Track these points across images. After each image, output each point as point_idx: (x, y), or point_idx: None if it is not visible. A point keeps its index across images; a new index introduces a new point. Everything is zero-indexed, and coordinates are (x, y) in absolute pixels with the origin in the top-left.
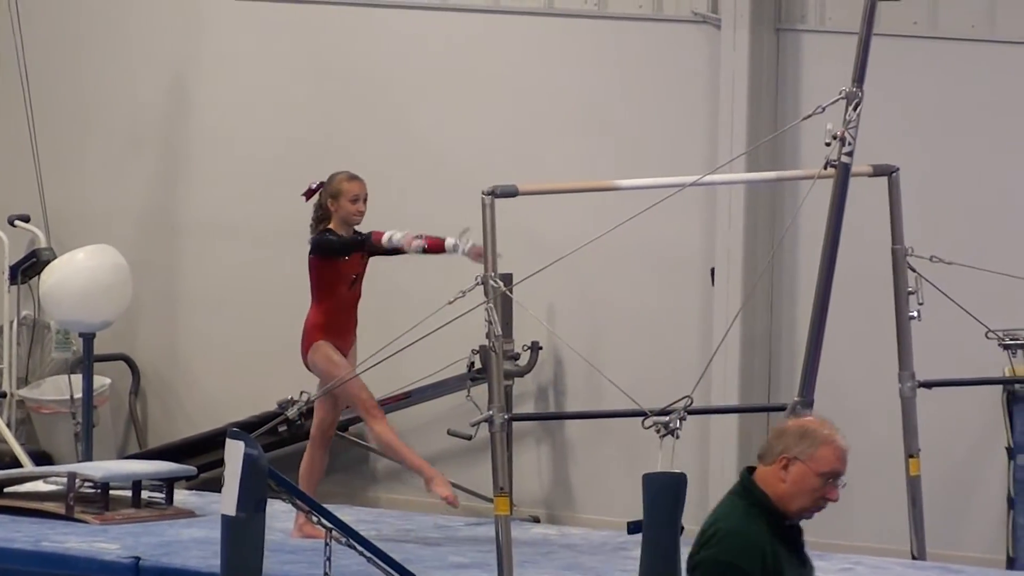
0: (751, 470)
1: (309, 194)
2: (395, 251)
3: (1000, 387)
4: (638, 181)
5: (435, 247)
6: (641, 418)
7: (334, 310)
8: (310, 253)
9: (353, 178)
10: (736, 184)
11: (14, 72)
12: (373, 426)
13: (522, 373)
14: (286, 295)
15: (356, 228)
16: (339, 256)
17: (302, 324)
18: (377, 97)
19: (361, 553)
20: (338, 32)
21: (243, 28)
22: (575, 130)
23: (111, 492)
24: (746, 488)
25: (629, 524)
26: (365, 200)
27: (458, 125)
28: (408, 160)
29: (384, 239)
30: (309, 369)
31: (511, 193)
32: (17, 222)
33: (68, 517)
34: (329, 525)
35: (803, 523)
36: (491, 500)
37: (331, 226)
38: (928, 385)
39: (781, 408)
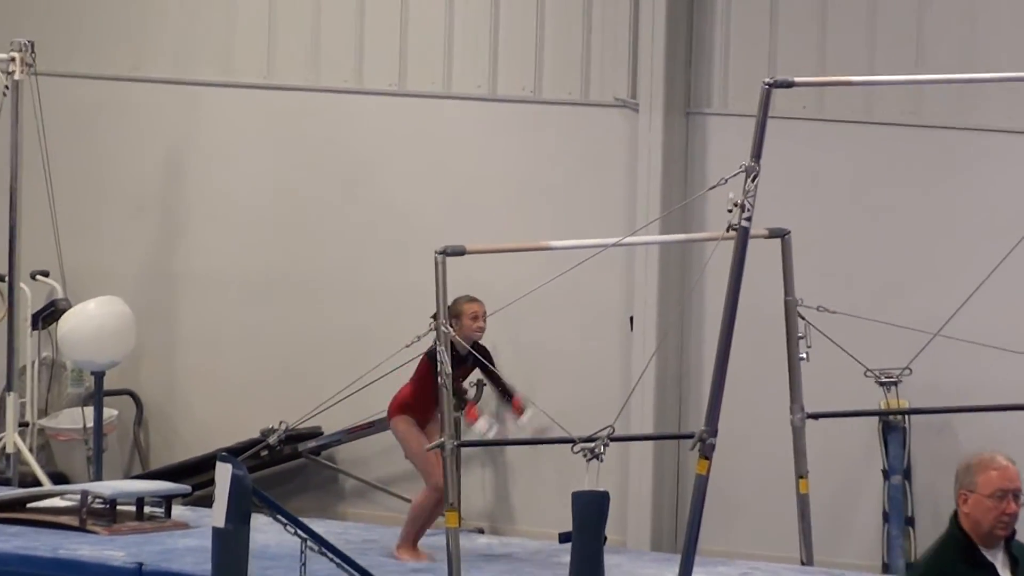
0: (956, 512)
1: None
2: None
3: (876, 418)
4: (568, 242)
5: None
6: (570, 444)
7: (424, 398)
8: (427, 355)
9: (472, 300)
10: (652, 244)
11: (36, 147)
12: (425, 491)
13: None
14: (270, 336)
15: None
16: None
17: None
18: (348, 171)
19: (332, 560)
20: (315, 113)
21: (232, 109)
22: (516, 198)
23: (118, 507)
24: (948, 528)
25: (560, 535)
26: (484, 318)
27: (417, 194)
28: (374, 223)
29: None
30: (392, 430)
31: (459, 252)
32: (38, 276)
33: (81, 529)
34: (304, 535)
35: (708, 532)
36: (443, 515)
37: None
38: (815, 416)
39: (689, 436)
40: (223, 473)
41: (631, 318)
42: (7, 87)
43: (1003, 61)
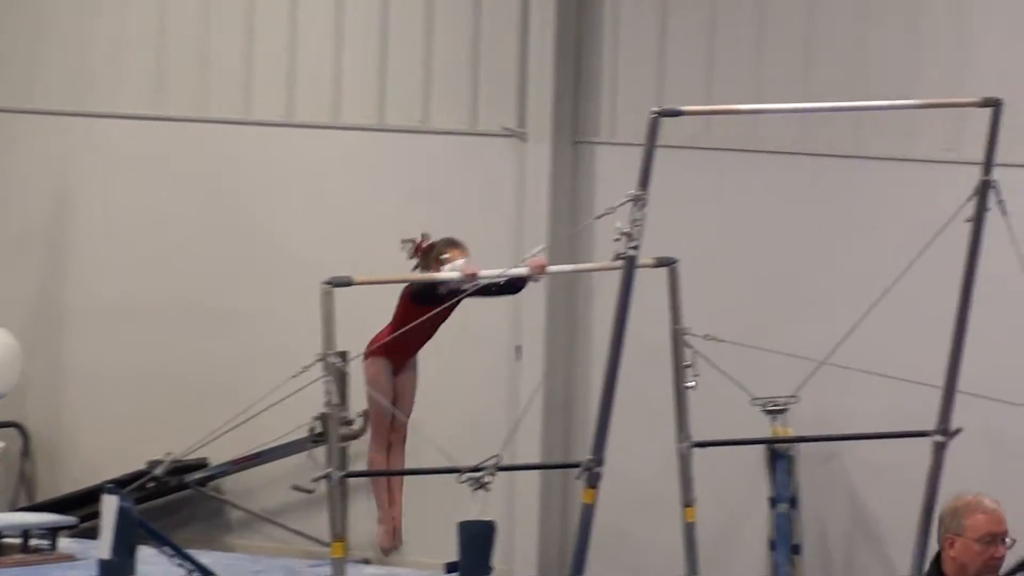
0: (938, 555)
1: (417, 249)
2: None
3: (763, 446)
4: (455, 273)
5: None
6: (456, 473)
7: (402, 337)
8: (409, 293)
9: (454, 246)
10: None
11: None
12: (369, 448)
13: (356, 436)
14: (157, 367)
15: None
16: (427, 304)
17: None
18: (236, 202)
19: None
20: (203, 144)
21: (120, 140)
22: (405, 227)
23: (3, 540)
24: (930, 572)
25: (446, 565)
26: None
27: (305, 224)
28: (262, 255)
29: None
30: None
31: (347, 283)
32: None
33: None
34: (191, 567)
35: (595, 560)
36: (328, 544)
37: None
38: (701, 445)
39: (576, 465)
40: (109, 505)
41: (518, 347)
42: None
43: (887, 91)
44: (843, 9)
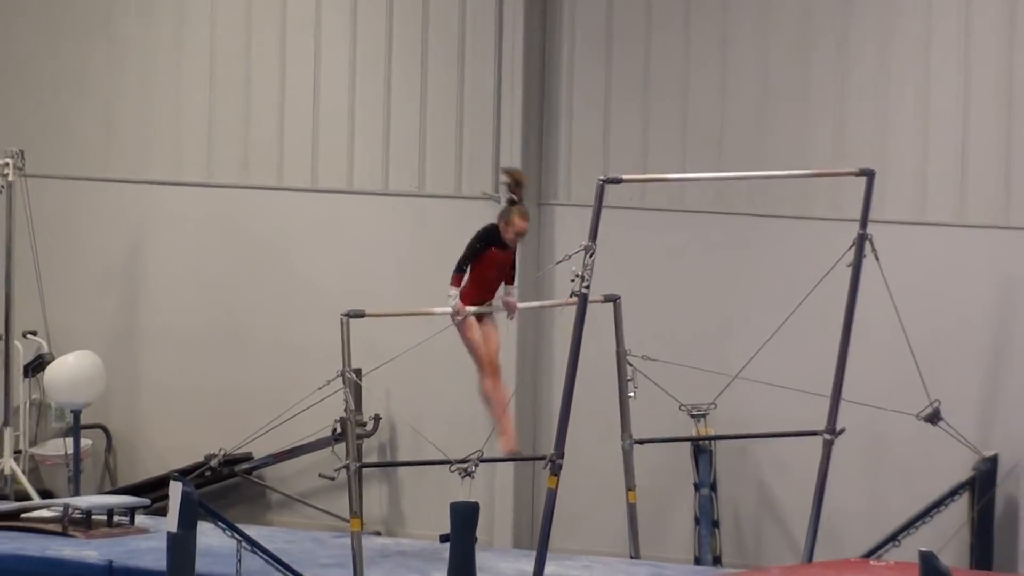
0: None
1: (516, 184)
2: None
3: (689, 443)
4: (446, 309)
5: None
6: (448, 465)
7: (479, 280)
8: (477, 238)
9: (524, 217)
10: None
11: (26, 234)
12: (479, 384)
13: (369, 435)
14: (211, 381)
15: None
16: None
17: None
18: (272, 251)
19: (261, 556)
20: (245, 204)
21: (180, 202)
22: (406, 274)
23: (93, 517)
24: None
25: (441, 536)
26: (521, 232)
27: (327, 270)
28: (294, 293)
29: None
30: None
31: (360, 315)
32: (28, 335)
33: (63, 534)
34: (239, 538)
35: (557, 533)
36: (348, 520)
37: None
38: (641, 442)
39: (542, 458)
40: (175, 489)
41: None
42: (2, 187)
43: (784, 161)
44: (749, 95)
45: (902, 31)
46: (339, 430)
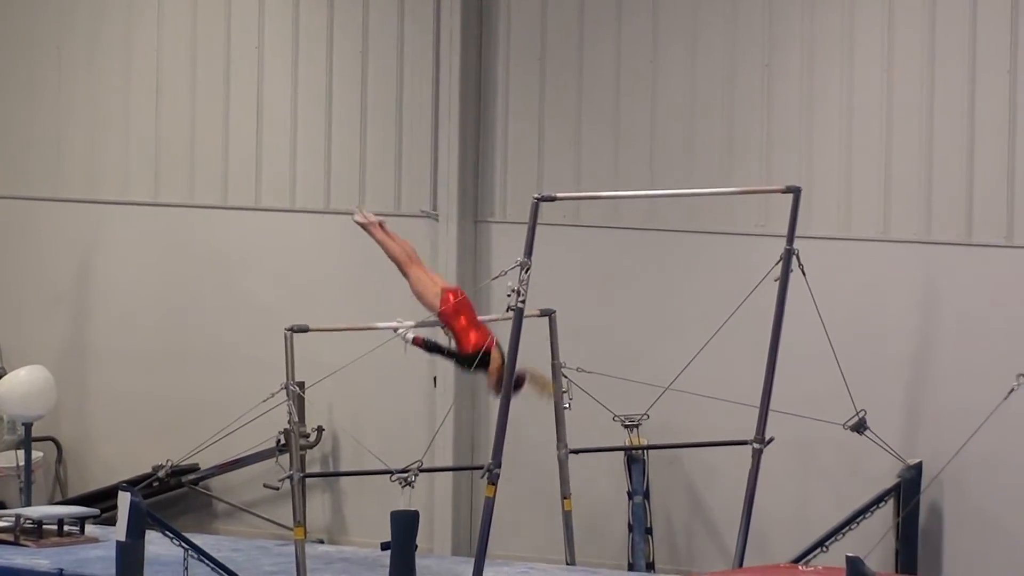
0: None
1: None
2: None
3: (623, 452)
4: (388, 324)
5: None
6: (389, 474)
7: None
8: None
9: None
10: None
11: None
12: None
13: (312, 446)
14: (158, 395)
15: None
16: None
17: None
18: (217, 269)
19: (208, 564)
20: (191, 224)
21: (127, 221)
22: (347, 289)
23: (44, 526)
24: None
25: (382, 544)
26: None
27: (270, 288)
28: (237, 310)
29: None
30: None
31: (304, 330)
32: None
33: (15, 543)
34: (186, 546)
35: (495, 540)
36: (292, 529)
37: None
38: (576, 451)
39: (480, 467)
40: (123, 500)
41: (435, 378)
42: None
43: (713, 179)
44: (679, 115)
45: (826, 51)
46: (283, 441)
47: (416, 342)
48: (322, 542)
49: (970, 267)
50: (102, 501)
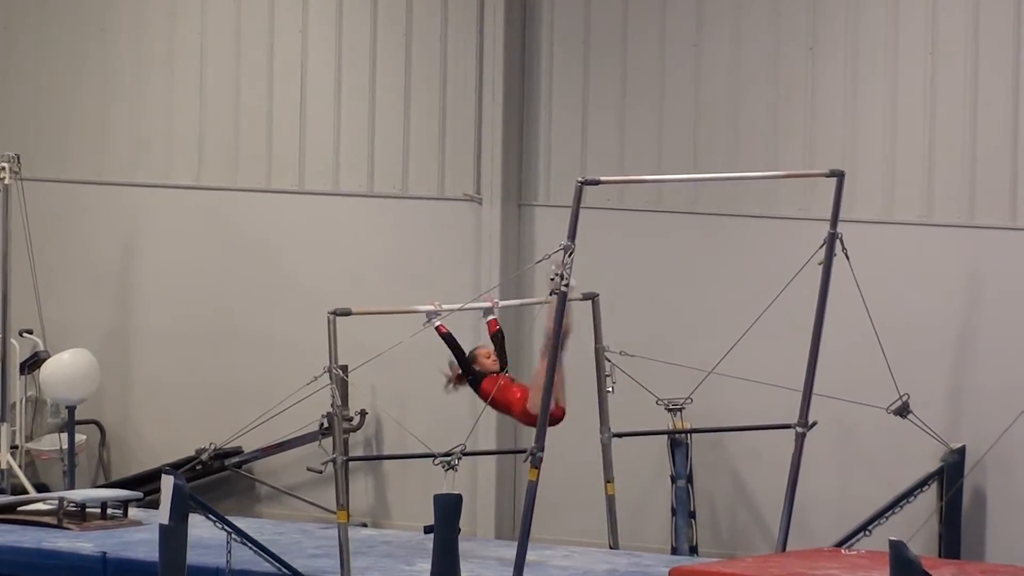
0: None
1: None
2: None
3: (666, 436)
4: (428, 307)
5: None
6: (432, 458)
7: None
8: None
9: (480, 347)
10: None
11: (21, 236)
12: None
13: (355, 429)
14: (202, 377)
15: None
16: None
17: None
18: (260, 252)
19: (250, 547)
20: (234, 207)
21: (171, 204)
22: (390, 273)
23: (87, 510)
24: None
25: (425, 527)
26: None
27: (314, 270)
28: (281, 293)
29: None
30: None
31: (347, 313)
32: (24, 334)
33: (59, 526)
34: (229, 530)
35: (538, 524)
36: (335, 512)
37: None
38: (619, 435)
39: (523, 451)
40: (167, 483)
41: None
42: None
43: (760, 162)
44: (723, 99)
45: (870, 35)
46: (326, 425)
47: (440, 330)
48: (365, 525)
49: (1013, 251)
50: (145, 484)
